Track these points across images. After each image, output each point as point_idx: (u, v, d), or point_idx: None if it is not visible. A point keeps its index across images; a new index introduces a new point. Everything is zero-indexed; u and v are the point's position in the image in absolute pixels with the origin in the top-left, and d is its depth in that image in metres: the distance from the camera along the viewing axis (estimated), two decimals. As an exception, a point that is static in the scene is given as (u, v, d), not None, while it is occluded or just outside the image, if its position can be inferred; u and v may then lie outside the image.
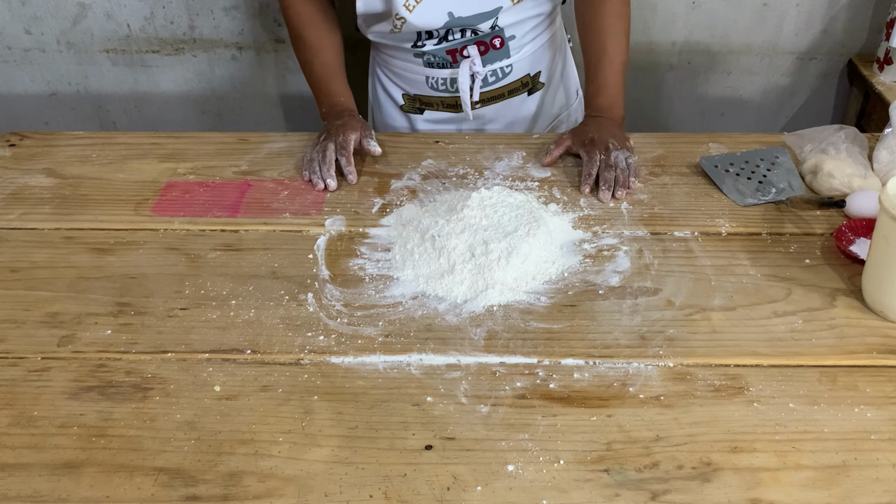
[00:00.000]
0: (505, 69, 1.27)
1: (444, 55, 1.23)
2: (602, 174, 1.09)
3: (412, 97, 1.33)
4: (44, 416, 0.78)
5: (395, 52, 1.28)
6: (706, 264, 0.97)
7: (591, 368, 0.82)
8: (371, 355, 0.84)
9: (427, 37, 1.21)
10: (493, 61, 1.25)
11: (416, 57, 1.26)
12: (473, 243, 0.95)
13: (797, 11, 1.72)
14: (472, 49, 1.23)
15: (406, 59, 1.27)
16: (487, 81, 1.27)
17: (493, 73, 1.27)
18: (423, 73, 1.28)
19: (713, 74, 1.83)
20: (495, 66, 1.26)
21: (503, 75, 1.28)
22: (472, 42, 1.22)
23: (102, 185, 1.14)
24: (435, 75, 1.27)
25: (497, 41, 1.23)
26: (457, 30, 1.20)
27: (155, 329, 0.88)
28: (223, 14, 1.73)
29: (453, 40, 1.21)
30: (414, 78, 1.29)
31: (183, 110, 1.88)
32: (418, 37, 1.22)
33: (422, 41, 1.22)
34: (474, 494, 0.70)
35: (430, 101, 1.32)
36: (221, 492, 0.70)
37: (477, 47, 1.23)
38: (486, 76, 1.26)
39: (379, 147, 1.15)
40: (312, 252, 1.00)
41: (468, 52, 1.23)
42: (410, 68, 1.28)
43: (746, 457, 0.73)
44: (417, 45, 1.23)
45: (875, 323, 0.88)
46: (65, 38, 1.77)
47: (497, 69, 1.26)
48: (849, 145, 1.11)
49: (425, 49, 1.23)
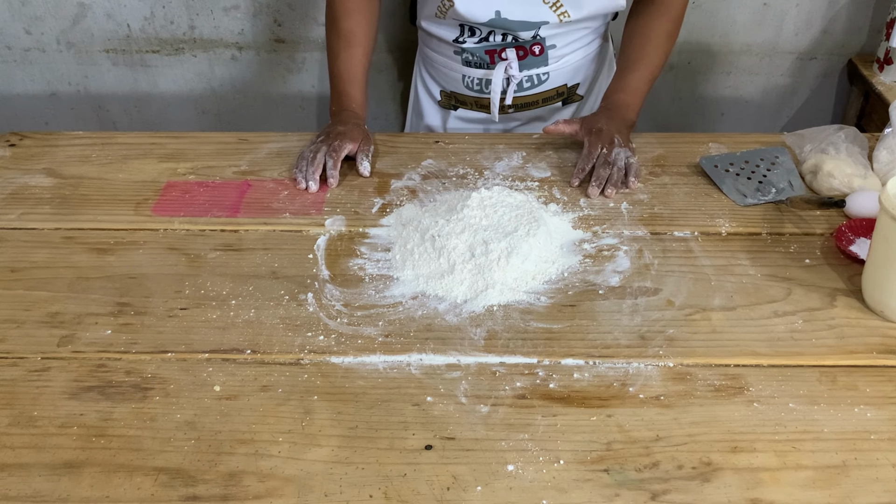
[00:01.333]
0: (542, 76, 1.27)
1: (483, 55, 1.24)
2: (597, 170, 1.09)
3: (448, 94, 1.34)
4: (44, 416, 0.78)
5: (437, 45, 1.29)
6: (706, 264, 0.97)
7: (591, 368, 0.82)
8: (371, 355, 0.84)
9: (469, 34, 1.22)
10: (530, 67, 1.26)
11: (456, 54, 1.27)
12: (473, 243, 0.95)
13: (797, 11, 1.72)
14: (511, 52, 1.23)
15: (446, 54, 1.29)
16: (522, 87, 1.28)
17: (529, 78, 1.27)
18: (460, 71, 1.29)
19: (713, 74, 1.83)
20: (532, 72, 1.26)
21: (539, 82, 1.28)
22: (512, 45, 1.22)
23: (102, 185, 1.14)
24: (471, 74, 1.28)
25: (537, 48, 1.23)
26: (498, 34, 1.21)
27: (155, 329, 0.88)
28: (223, 14, 1.73)
29: (493, 41, 1.22)
30: (452, 75, 1.31)
31: (183, 110, 1.88)
32: (461, 31, 1.23)
33: (463, 36, 1.23)
34: (474, 494, 0.70)
35: (464, 100, 1.33)
36: (221, 492, 0.70)
37: (516, 51, 1.23)
38: (522, 81, 1.27)
39: (369, 169, 1.14)
40: (312, 252, 1.00)
41: (506, 55, 1.24)
42: (449, 65, 1.30)
43: (746, 457, 0.73)
44: (458, 41, 1.24)
45: (875, 323, 0.88)
46: (65, 38, 1.77)
47: (533, 75, 1.27)
48: (849, 145, 1.11)
49: (465, 46, 1.24)
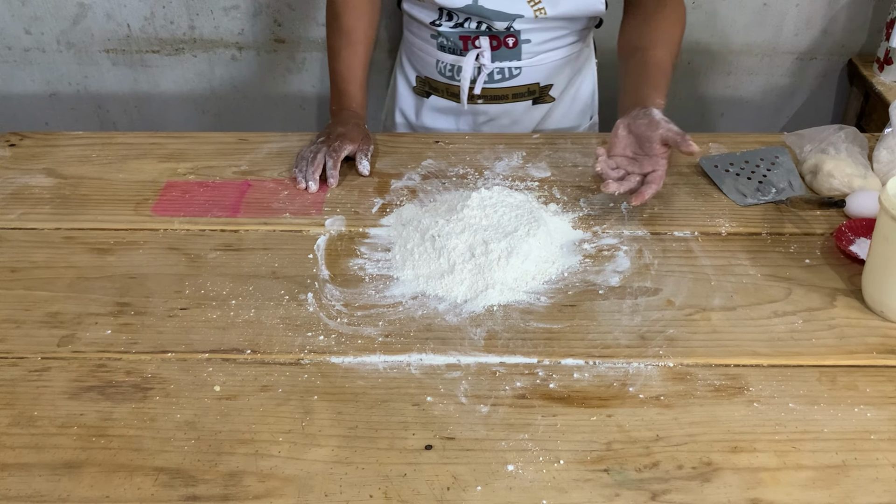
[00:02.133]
0: (513, 70, 1.27)
1: (457, 40, 1.24)
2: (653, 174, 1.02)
3: (423, 79, 1.34)
4: (44, 416, 0.78)
5: (416, 27, 1.29)
6: (706, 264, 0.97)
7: (591, 368, 0.82)
8: (371, 355, 0.84)
9: (447, 18, 1.22)
10: (502, 59, 1.25)
11: (432, 38, 1.27)
12: (473, 243, 0.95)
13: (797, 11, 1.72)
14: (484, 41, 1.23)
15: (423, 38, 1.29)
16: (493, 78, 1.27)
17: (501, 70, 1.27)
18: (434, 55, 1.29)
19: (713, 74, 1.83)
20: (504, 64, 1.26)
21: (510, 76, 1.28)
22: (486, 34, 1.22)
23: (102, 185, 1.14)
24: (444, 59, 1.28)
25: (510, 40, 1.23)
26: (474, 21, 1.21)
27: (155, 329, 0.88)
28: (223, 14, 1.73)
29: (468, 28, 1.22)
30: (427, 59, 1.31)
31: (183, 110, 1.88)
32: (439, 14, 1.23)
33: (440, 20, 1.23)
34: (474, 494, 0.70)
35: (436, 87, 1.33)
36: (221, 492, 0.70)
37: (490, 41, 1.23)
38: (493, 72, 1.26)
39: (368, 168, 1.14)
40: (312, 252, 1.00)
41: (479, 44, 1.23)
42: (425, 49, 1.30)
43: (746, 457, 0.73)
44: (435, 24, 1.24)
45: (875, 323, 0.88)
46: (65, 38, 1.77)
47: (505, 68, 1.27)
48: (849, 145, 1.11)
49: (441, 29, 1.24)
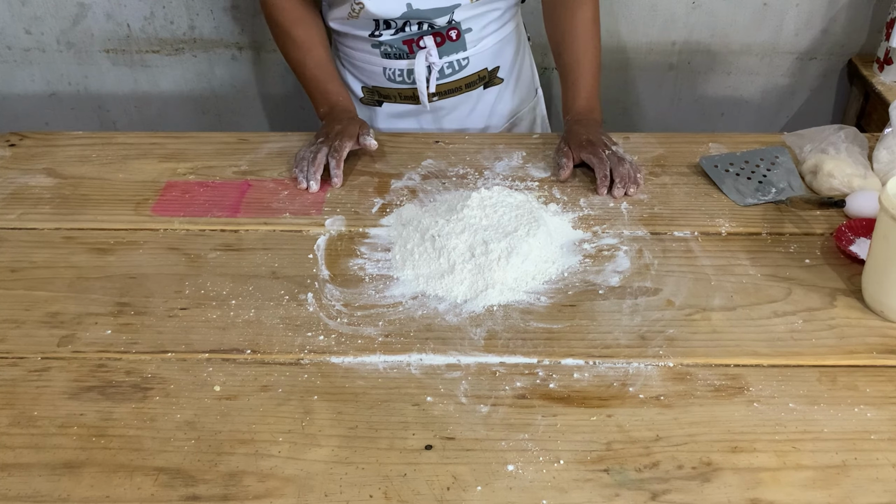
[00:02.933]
0: (462, 62, 1.28)
1: (401, 45, 1.24)
2: (616, 170, 1.09)
3: (371, 89, 1.33)
4: (44, 416, 0.78)
5: (353, 41, 1.28)
6: (706, 264, 0.97)
7: (591, 368, 0.82)
8: (371, 355, 0.84)
9: (385, 27, 1.22)
10: (449, 53, 1.26)
11: (374, 48, 1.26)
12: (473, 243, 0.95)
13: (797, 11, 1.73)
14: (429, 40, 1.23)
15: (364, 49, 1.28)
16: (444, 73, 1.28)
17: (450, 65, 1.27)
18: (380, 64, 1.28)
19: (713, 74, 1.83)
20: (452, 58, 1.27)
21: (460, 68, 1.28)
22: (429, 33, 1.23)
23: (102, 185, 1.14)
24: (392, 66, 1.27)
25: (453, 33, 1.23)
26: (414, 22, 1.21)
27: (155, 329, 0.88)
28: (223, 14, 1.73)
29: (410, 31, 1.22)
30: (371, 69, 1.30)
31: (183, 110, 1.88)
32: (376, 26, 1.22)
33: (379, 30, 1.23)
34: (474, 494, 0.70)
35: (387, 94, 1.32)
36: (221, 492, 0.70)
37: (433, 38, 1.23)
38: (443, 68, 1.27)
39: (375, 142, 1.15)
40: (312, 252, 1.00)
41: (424, 43, 1.24)
42: (368, 59, 1.29)
43: (746, 457, 0.73)
44: (375, 35, 1.24)
45: (875, 323, 0.88)
46: (65, 38, 1.77)
47: (454, 61, 1.27)
48: (849, 145, 1.11)
49: (382, 39, 1.24)
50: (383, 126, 1.37)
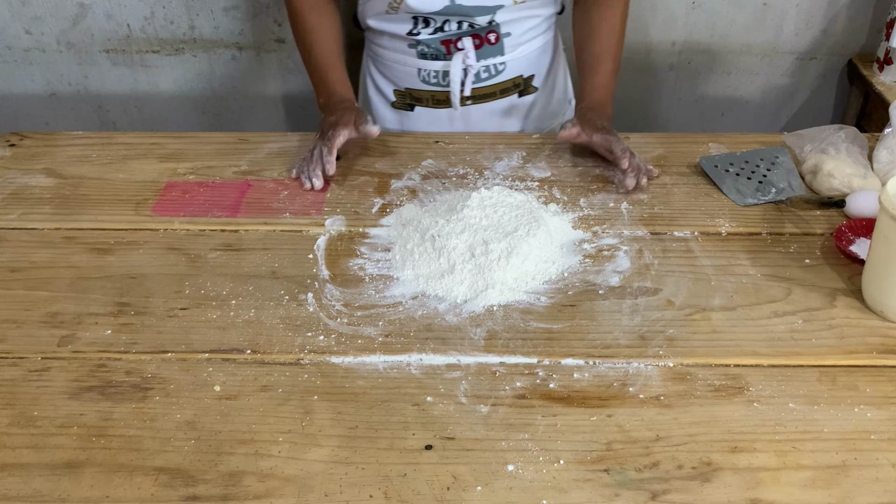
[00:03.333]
0: (498, 66, 1.27)
1: (439, 45, 1.23)
2: (632, 160, 1.09)
3: (403, 92, 1.32)
4: (44, 416, 0.78)
5: (389, 41, 1.27)
6: (706, 264, 0.97)
7: (591, 368, 0.82)
8: (371, 355, 0.84)
9: (423, 25, 1.21)
10: (486, 57, 1.25)
11: (410, 48, 1.26)
12: (473, 243, 0.95)
13: (797, 11, 1.72)
14: (467, 41, 1.23)
15: (400, 49, 1.27)
16: (480, 77, 1.27)
17: (486, 69, 1.27)
18: (415, 64, 1.27)
19: (713, 74, 1.83)
20: (489, 61, 1.26)
21: (496, 72, 1.28)
22: (468, 34, 1.22)
23: (102, 185, 1.14)
24: (427, 67, 1.27)
25: (492, 36, 1.23)
26: (453, 20, 1.20)
27: (155, 329, 0.88)
28: (223, 14, 1.73)
29: (449, 31, 1.22)
30: (406, 70, 1.29)
31: (183, 110, 1.88)
32: (414, 24, 1.22)
33: (417, 29, 1.22)
34: (474, 494, 0.70)
35: (420, 97, 1.31)
36: (221, 492, 0.70)
37: (472, 40, 1.23)
38: (479, 71, 1.26)
39: (376, 127, 1.14)
40: (312, 252, 1.00)
41: (462, 45, 1.23)
42: (403, 60, 1.28)
43: (746, 457, 0.73)
44: (412, 34, 1.23)
45: (875, 323, 0.88)
46: (65, 38, 1.77)
47: (490, 65, 1.27)
48: (849, 145, 1.11)
49: (420, 38, 1.23)
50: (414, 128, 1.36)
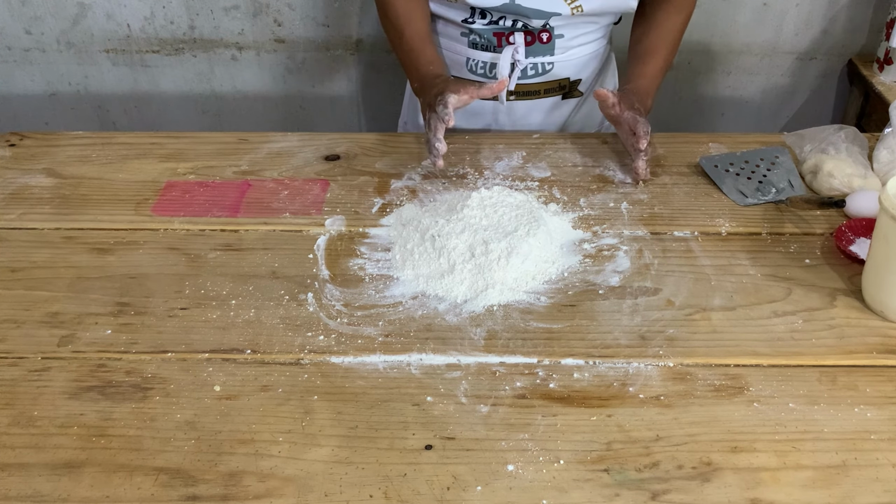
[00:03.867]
0: (546, 65, 1.27)
1: (491, 37, 1.24)
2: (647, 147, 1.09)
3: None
4: (44, 416, 0.78)
5: (444, 25, 1.28)
6: (706, 264, 0.97)
7: (591, 368, 0.82)
8: (371, 355, 0.84)
9: (480, 16, 1.22)
10: (536, 55, 1.26)
11: (462, 36, 1.26)
12: (473, 243, 0.95)
13: (797, 11, 1.73)
14: (519, 37, 1.23)
15: (452, 36, 1.28)
16: (526, 74, 1.27)
17: (534, 66, 1.27)
18: (465, 53, 1.28)
19: (713, 74, 1.83)
20: (537, 59, 1.26)
21: (543, 71, 1.28)
22: (521, 30, 1.23)
23: (102, 185, 1.14)
24: (476, 57, 1.27)
25: (545, 35, 1.23)
26: (509, 19, 1.21)
27: (155, 329, 0.88)
28: (223, 14, 1.73)
29: (503, 25, 1.22)
30: (455, 59, 1.30)
31: (183, 110, 1.88)
32: (471, 13, 1.22)
33: (473, 17, 1.23)
34: (474, 494, 0.70)
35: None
36: (221, 492, 0.70)
37: (524, 36, 1.23)
38: (527, 68, 1.27)
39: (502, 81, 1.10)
40: (312, 252, 1.00)
41: (514, 40, 1.24)
42: (454, 47, 1.29)
43: (746, 457, 0.73)
44: (467, 22, 1.23)
45: (875, 323, 0.88)
46: (65, 38, 1.77)
47: (538, 64, 1.27)
48: (849, 145, 1.11)
49: (474, 27, 1.24)
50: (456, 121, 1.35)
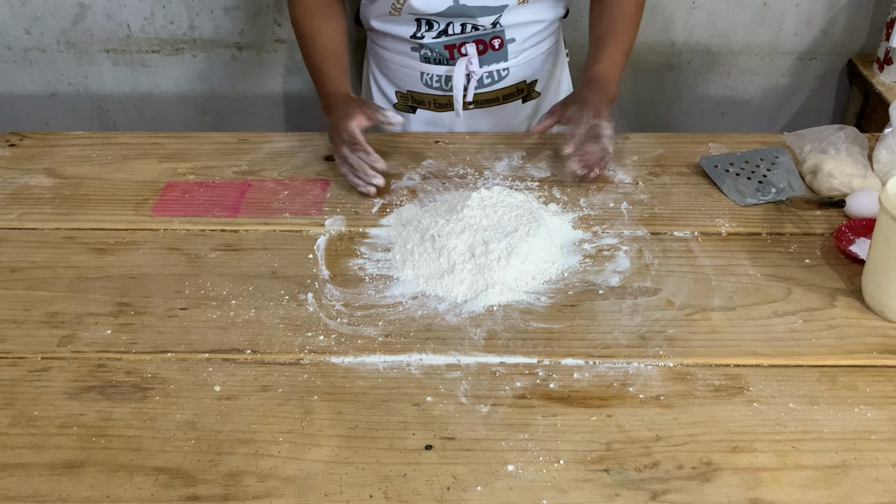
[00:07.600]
0: (501, 72, 1.27)
1: (442, 50, 1.23)
2: (586, 144, 1.07)
3: (405, 94, 1.32)
4: (44, 416, 0.78)
5: (393, 43, 1.27)
6: (706, 264, 0.97)
7: (591, 368, 0.82)
8: (371, 355, 0.84)
9: (427, 28, 1.21)
10: (490, 63, 1.25)
11: (413, 51, 1.25)
12: (473, 243, 0.95)
13: (797, 11, 1.73)
14: (471, 47, 1.22)
15: (403, 52, 1.27)
16: (483, 83, 1.27)
17: (490, 74, 1.26)
18: (418, 68, 1.27)
19: (713, 74, 1.83)
20: (492, 67, 1.26)
21: (499, 78, 1.28)
22: (472, 40, 1.22)
23: (102, 185, 1.14)
24: (430, 71, 1.26)
25: (496, 42, 1.23)
26: (457, 24, 1.20)
27: (155, 329, 0.88)
28: (223, 14, 1.73)
29: (453, 34, 1.21)
30: (409, 73, 1.28)
31: (183, 110, 1.88)
32: (418, 26, 1.21)
33: (421, 32, 1.21)
34: (474, 494, 0.70)
35: (422, 100, 1.31)
36: (221, 492, 0.70)
37: (476, 46, 1.23)
38: (483, 77, 1.26)
39: (397, 116, 1.10)
40: (312, 252, 1.00)
41: (466, 51, 1.23)
42: (406, 63, 1.28)
43: (746, 457, 0.73)
44: (416, 37, 1.22)
45: (875, 323, 0.88)
46: (65, 38, 1.77)
47: (494, 71, 1.26)
48: (849, 145, 1.11)
49: (424, 41, 1.22)
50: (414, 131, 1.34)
